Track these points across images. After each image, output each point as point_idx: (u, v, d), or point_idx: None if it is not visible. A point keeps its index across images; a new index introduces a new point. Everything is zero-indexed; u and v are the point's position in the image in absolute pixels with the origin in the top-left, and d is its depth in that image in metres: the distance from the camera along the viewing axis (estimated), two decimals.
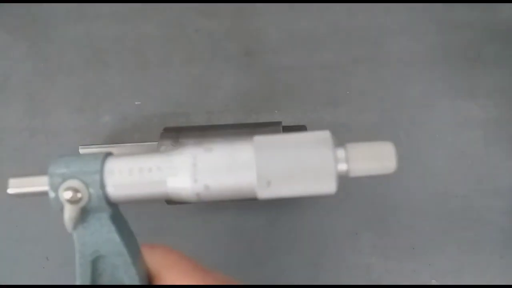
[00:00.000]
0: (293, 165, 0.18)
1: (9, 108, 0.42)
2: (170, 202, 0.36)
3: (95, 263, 0.20)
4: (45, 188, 0.19)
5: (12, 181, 0.20)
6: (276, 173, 0.18)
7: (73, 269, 0.20)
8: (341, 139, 0.19)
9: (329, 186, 0.18)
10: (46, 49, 0.44)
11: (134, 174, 0.19)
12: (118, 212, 0.20)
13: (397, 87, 0.42)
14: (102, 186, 0.19)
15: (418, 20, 0.43)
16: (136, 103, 0.42)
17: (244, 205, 0.39)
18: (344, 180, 0.18)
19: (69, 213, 0.18)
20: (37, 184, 0.19)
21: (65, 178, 0.19)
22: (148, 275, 0.21)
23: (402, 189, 0.39)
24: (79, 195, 0.18)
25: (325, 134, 0.18)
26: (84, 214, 0.19)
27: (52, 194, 0.19)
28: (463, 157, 0.39)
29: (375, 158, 0.19)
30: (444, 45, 0.43)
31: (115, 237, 0.20)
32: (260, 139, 0.19)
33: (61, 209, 0.19)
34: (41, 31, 0.45)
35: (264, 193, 0.18)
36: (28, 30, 0.45)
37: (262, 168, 0.18)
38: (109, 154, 0.20)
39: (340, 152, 0.18)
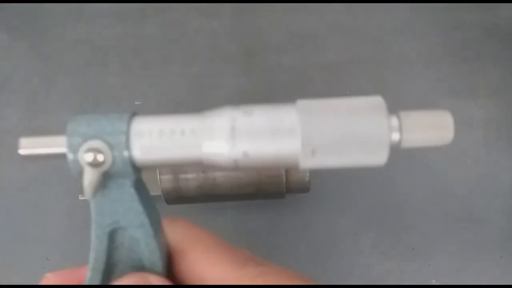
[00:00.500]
0: (342, 133, 0.16)
1: (9, 108, 0.42)
2: (170, 201, 0.36)
3: (112, 235, 0.18)
4: (63, 149, 0.17)
5: (23, 141, 0.17)
6: (322, 140, 0.16)
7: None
8: None
9: (379, 158, 0.16)
10: (46, 49, 0.44)
11: (165, 136, 0.17)
12: (141, 179, 0.18)
13: (397, 87, 0.41)
14: (128, 148, 0.16)
15: (419, 20, 0.43)
16: (136, 103, 0.42)
17: (244, 205, 0.39)
18: (393, 151, 0.17)
19: (89, 177, 0.16)
20: (53, 144, 0.17)
21: (86, 138, 0.16)
22: (168, 250, 0.19)
23: (402, 189, 0.39)
24: (101, 157, 0.16)
25: (378, 100, 0.17)
26: (105, 180, 0.17)
27: (70, 156, 0.16)
28: (463, 157, 0.39)
29: (431, 128, 0.17)
30: (445, 45, 0.42)
31: (137, 206, 0.17)
32: (305, 103, 0.17)
33: (80, 173, 0.17)
34: (41, 31, 0.44)
35: (307, 163, 0.16)
36: (28, 30, 0.45)
37: (308, 134, 0.16)
38: (135, 113, 0.17)
39: (394, 120, 0.17)
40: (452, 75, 0.41)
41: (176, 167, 0.18)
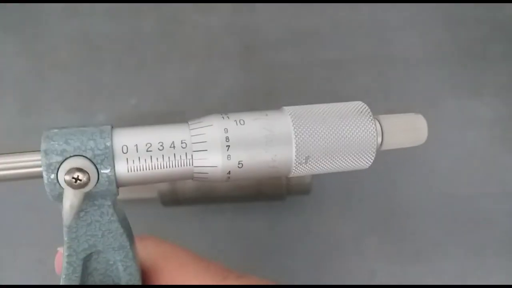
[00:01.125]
0: (333, 139, 0.17)
1: (2, 108, 0.41)
2: (167, 203, 0.35)
3: (86, 261, 0.17)
4: (37, 169, 0.15)
5: None
6: (315, 147, 0.16)
7: None
8: None
9: (367, 161, 0.17)
10: (39, 47, 0.43)
11: (154, 150, 0.15)
12: (116, 198, 0.17)
13: (402, 85, 0.41)
14: (114, 165, 0.15)
15: (424, 17, 0.43)
16: (131, 102, 0.41)
17: (243, 207, 0.38)
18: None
19: (71, 200, 0.15)
20: (26, 165, 0.15)
21: (66, 156, 0.15)
22: (142, 269, 0.18)
23: (407, 192, 0.38)
24: (82, 177, 0.15)
25: (362, 106, 0.17)
26: (85, 201, 0.15)
27: (47, 177, 0.15)
28: (469, 157, 0.39)
29: (408, 131, 0.18)
30: (450, 43, 0.42)
31: (117, 227, 0.16)
32: (294, 110, 0.17)
33: (59, 195, 0.15)
34: (34, 29, 0.44)
35: (299, 170, 0.17)
36: (22, 27, 0.44)
37: (302, 142, 0.16)
38: (113, 126, 0.16)
39: (377, 125, 0.17)
40: (458, 73, 0.41)
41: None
